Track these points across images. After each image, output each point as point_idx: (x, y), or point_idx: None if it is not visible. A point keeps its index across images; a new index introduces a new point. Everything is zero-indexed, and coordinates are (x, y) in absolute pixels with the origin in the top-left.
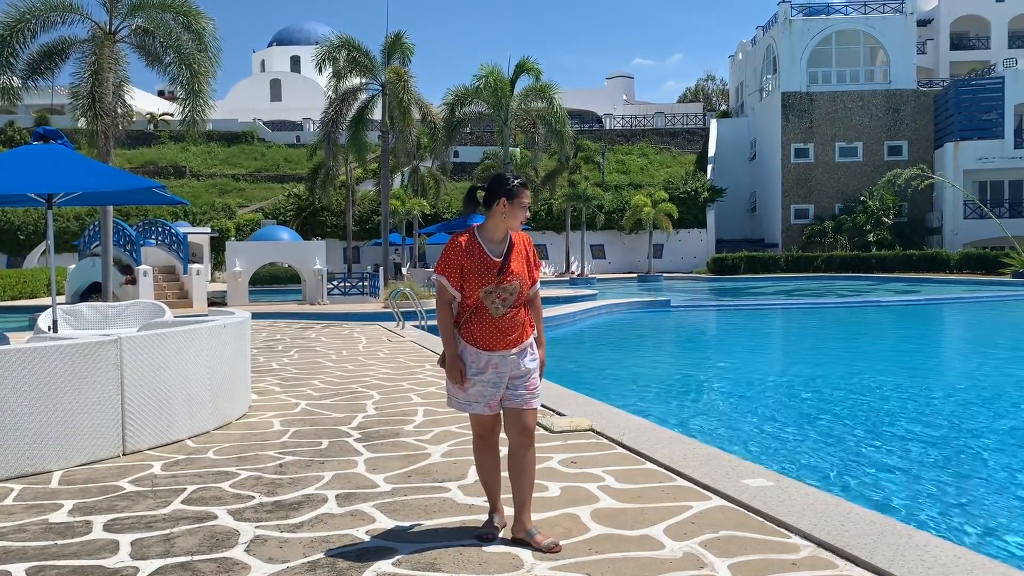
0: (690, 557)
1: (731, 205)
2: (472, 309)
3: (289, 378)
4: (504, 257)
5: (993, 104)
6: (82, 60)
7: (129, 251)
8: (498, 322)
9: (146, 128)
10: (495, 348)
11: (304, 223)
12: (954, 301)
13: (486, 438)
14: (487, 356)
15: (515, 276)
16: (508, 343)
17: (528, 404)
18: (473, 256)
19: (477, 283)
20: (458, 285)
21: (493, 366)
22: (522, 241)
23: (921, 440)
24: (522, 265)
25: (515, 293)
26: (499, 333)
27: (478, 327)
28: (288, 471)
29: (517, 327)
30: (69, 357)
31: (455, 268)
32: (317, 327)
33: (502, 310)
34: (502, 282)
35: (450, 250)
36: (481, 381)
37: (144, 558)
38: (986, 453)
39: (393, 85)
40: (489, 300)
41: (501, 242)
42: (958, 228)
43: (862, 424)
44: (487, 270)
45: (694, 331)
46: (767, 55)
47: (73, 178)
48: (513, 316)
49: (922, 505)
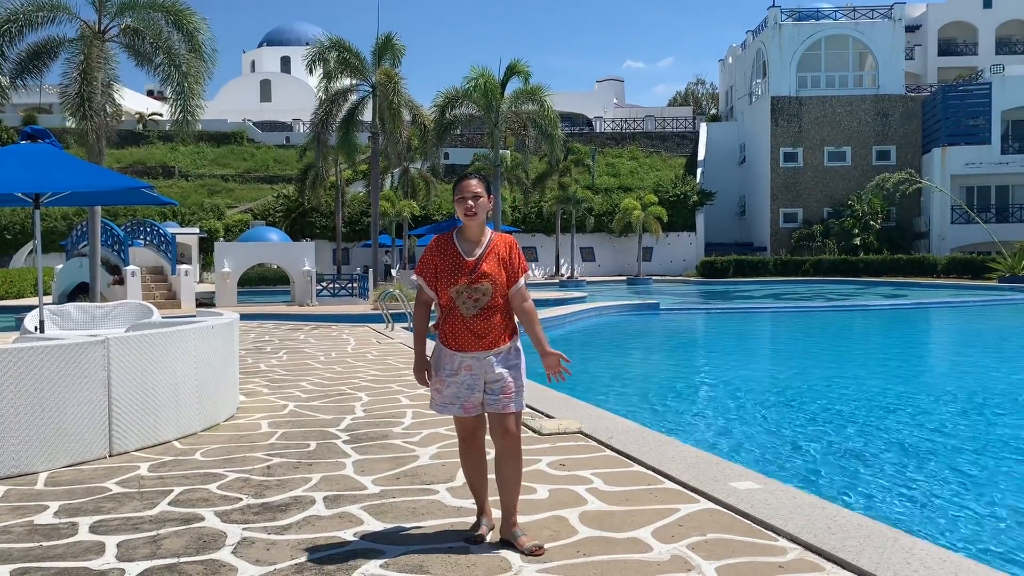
0: (677, 560)
1: (720, 209)
2: (447, 309)
3: (277, 380)
4: (478, 258)
5: (980, 110)
6: (71, 59)
7: (117, 251)
8: (469, 323)
9: (135, 128)
10: (467, 349)
11: (293, 224)
12: (941, 305)
13: (468, 441)
14: (460, 357)
15: (487, 278)
16: (481, 345)
17: (506, 408)
18: (446, 255)
19: (447, 282)
20: (433, 285)
21: (466, 368)
22: (504, 243)
23: (908, 443)
24: (497, 267)
25: (487, 294)
26: (471, 334)
27: (450, 327)
28: (276, 473)
29: (492, 330)
30: (56, 358)
31: (430, 268)
32: (306, 328)
33: (473, 310)
34: (473, 282)
35: (427, 250)
36: (455, 383)
37: (130, 560)
38: (972, 457)
39: (383, 86)
40: (460, 300)
41: (477, 242)
42: (945, 233)
43: (850, 427)
44: (458, 269)
45: (683, 334)
46: (757, 59)
47: (61, 178)
48: (487, 318)
49: (908, 508)
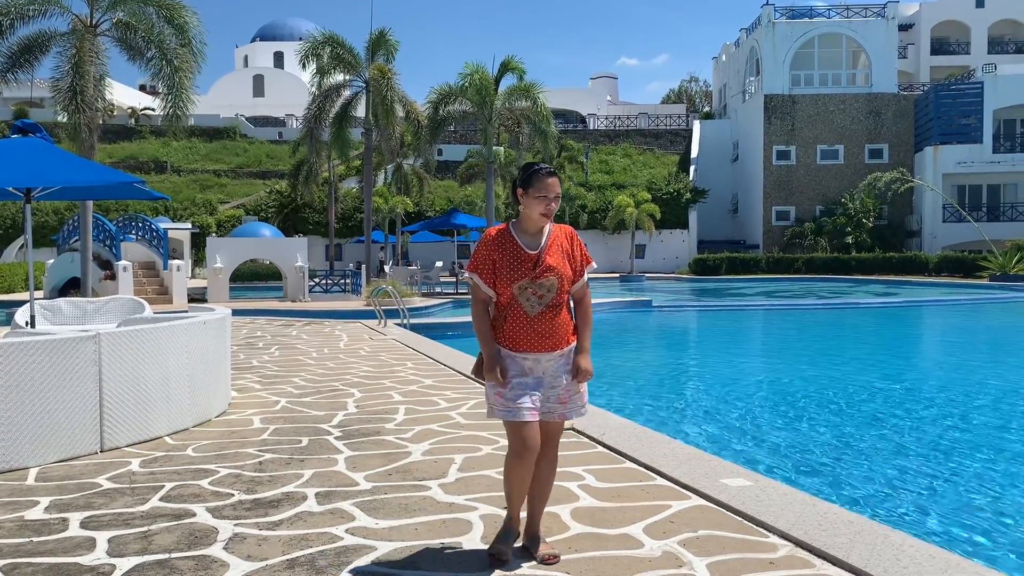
0: (669, 556)
1: (713, 206)
2: (506, 308)
3: (269, 375)
4: (541, 250)
5: (972, 109)
6: (63, 54)
7: (109, 246)
8: (533, 321)
9: (127, 123)
10: (530, 350)
11: (286, 220)
12: (932, 303)
13: (524, 456)
14: (522, 359)
15: (552, 271)
16: (546, 345)
17: (563, 417)
18: (505, 249)
19: (509, 278)
20: (491, 282)
21: (529, 370)
22: (564, 235)
23: (899, 441)
24: (561, 260)
25: (552, 290)
26: (535, 334)
27: (512, 327)
28: (267, 469)
29: (558, 329)
30: (47, 353)
31: (487, 264)
32: (298, 324)
33: (538, 308)
34: (537, 277)
35: (481, 245)
36: (520, 384)
37: (121, 555)
38: (964, 454)
39: (377, 82)
40: (524, 297)
41: (536, 235)
42: (937, 231)
43: (840, 424)
44: (520, 264)
45: (676, 331)
46: (750, 57)
47: (52, 172)
48: (552, 316)
49: (899, 505)
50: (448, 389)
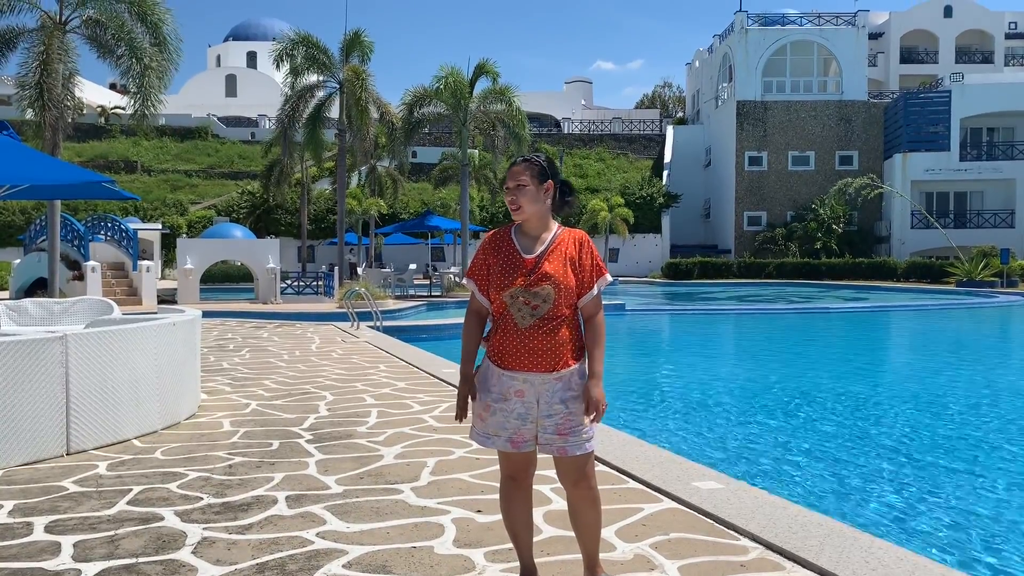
0: (641, 559)
1: (686, 211)
2: (498, 319)
3: (240, 378)
4: (539, 255)
5: (940, 117)
6: (30, 50)
7: (77, 246)
8: (525, 336)
9: (96, 121)
10: (520, 368)
11: (258, 221)
12: (901, 308)
13: (518, 479)
14: (510, 378)
15: (548, 279)
16: (539, 365)
17: (561, 452)
18: (500, 252)
19: (500, 283)
20: (485, 290)
21: (517, 393)
22: (573, 240)
23: (871, 444)
24: (562, 268)
25: (548, 300)
26: (526, 350)
27: (500, 340)
28: (237, 472)
29: (554, 347)
30: (12, 354)
31: (482, 268)
32: (270, 326)
33: (529, 320)
34: (531, 285)
35: (479, 248)
36: (502, 410)
37: (87, 560)
38: (931, 455)
39: (351, 83)
40: (515, 306)
41: (538, 238)
42: (905, 237)
43: (812, 427)
44: (513, 268)
45: (648, 335)
46: (723, 63)
47: (19, 170)
48: (548, 332)
49: (868, 507)
50: (421, 392)
